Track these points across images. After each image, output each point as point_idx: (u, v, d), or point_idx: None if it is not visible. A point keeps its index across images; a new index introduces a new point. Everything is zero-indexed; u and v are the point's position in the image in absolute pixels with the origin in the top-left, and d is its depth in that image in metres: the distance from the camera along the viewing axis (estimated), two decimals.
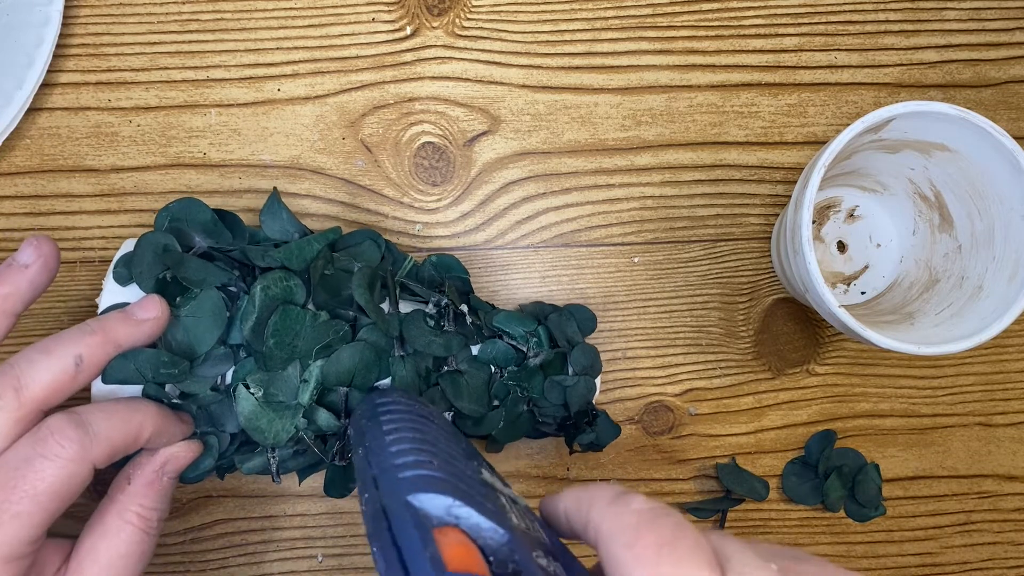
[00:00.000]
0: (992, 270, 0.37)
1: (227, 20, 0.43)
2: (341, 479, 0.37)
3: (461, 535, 0.23)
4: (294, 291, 0.34)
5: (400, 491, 0.23)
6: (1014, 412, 0.45)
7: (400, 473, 0.24)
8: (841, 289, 0.44)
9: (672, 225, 0.44)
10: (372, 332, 0.35)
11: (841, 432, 0.44)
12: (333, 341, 0.34)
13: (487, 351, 0.37)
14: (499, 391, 0.37)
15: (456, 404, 0.36)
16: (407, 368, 0.35)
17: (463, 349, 0.37)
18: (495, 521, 0.24)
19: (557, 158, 0.44)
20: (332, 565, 0.42)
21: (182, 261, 0.33)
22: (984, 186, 0.37)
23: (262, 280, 0.33)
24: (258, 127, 0.43)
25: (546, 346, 0.38)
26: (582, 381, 0.38)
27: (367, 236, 0.38)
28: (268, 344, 0.33)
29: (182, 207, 0.35)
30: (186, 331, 0.33)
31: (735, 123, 0.45)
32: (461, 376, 0.37)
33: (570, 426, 0.39)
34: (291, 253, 0.34)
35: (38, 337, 0.41)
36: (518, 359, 0.38)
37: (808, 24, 0.45)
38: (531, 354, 0.38)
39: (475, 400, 0.36)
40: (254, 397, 0.33)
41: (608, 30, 0.45)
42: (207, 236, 0.35)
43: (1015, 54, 0.46)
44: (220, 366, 0.34)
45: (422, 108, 0.44)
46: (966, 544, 0.44)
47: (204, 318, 0.33)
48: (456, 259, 0.40)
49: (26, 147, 0.42)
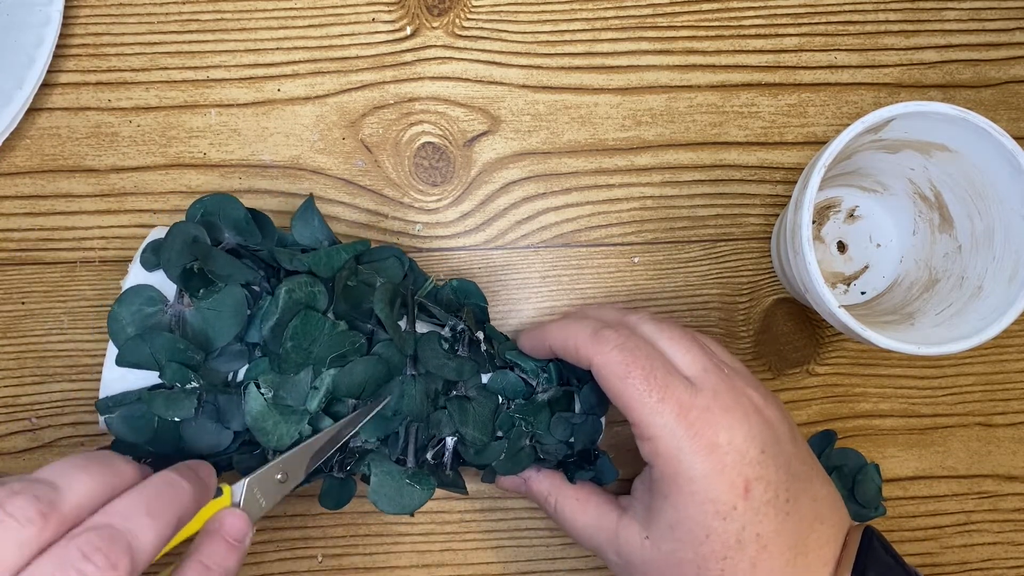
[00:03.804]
0: (992, 270, 0.37)
1: (227, 20, 0.43)
2: (337, 491, 0.37)
3: None
4: (317, 297, 0.34)
5: None
6: (1014, 412, 0.45)
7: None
8: (841, 289, 0.44)
9: (672, 225, 0.44)
10: (387, 348, 0.35)
11: (841, 432, 0.44)
12: (348, 352, 0.34)
13: (497, 381, 0.37)
14: (504, 423, 0.37)
15: (461, 430, 0.36)
16: (417, 388, 0.36)
17: (474, 376, 0.37)
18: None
19: (557, 158, 0.44)
20: (332, 565, 0.42)
21: (211, 254, 0.33)
22: (984, 186, 0.37)
23: (288, 283, 0.33)
24: (258, 127, 0.43)
25: (555, 382, 0.38)
26: (589, 420, 0.38)
27: (392, 252, 0.38)
28: (286, 346, 0.33)
29: (216, 201, 0.36)
30: (206, 323, 0.33)
31: (735, 123, 0.45)
32: (469, 402, 0.37)
33: (572, 463, 0.38)
34: (319, 259, 0.35)
35: (38, 337, 0.42)
36: (527, 392, 0.38)
37: (808, 24, 0.45)
38: (540, 389, 0.38)
39: (480, 428, 0.36)
40: (264, 397, 0.33)
41: (608, 30, 0.45)
42: (237, 233, 0.36)
43: (1015, 54, 0.46)
44: (234, 362, 0.34)
45: (422, 108, 0.44)
46: (966, 544, 0.44)
47: (225, 312, 0.33)
48: (476, 285, 0.40)
49: (26, 147, 0.42)
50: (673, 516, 0.32)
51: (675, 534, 0.32)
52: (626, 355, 0.33)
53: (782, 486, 0.32)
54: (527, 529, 0.43)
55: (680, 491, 0.31)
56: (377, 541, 0.42)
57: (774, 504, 0.31)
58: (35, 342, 0.42)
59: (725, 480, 0.31)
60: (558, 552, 0.43)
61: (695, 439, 0.31)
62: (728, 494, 0.31)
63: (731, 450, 0.31)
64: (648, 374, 0.32)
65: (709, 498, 0.31)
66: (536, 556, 0.43)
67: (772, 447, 0.32)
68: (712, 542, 0.31)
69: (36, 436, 0.41)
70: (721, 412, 0.32)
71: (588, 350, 0.34)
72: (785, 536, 0.32)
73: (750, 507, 0.31)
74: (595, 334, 0.34)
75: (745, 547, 0.31)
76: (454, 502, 0.42)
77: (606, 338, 0.33)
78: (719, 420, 0.32)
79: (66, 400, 0.41)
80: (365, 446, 0.36)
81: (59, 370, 0.42)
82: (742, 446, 0.31)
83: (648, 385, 0.32)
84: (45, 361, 0.42)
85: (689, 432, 0.31)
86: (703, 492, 0.31)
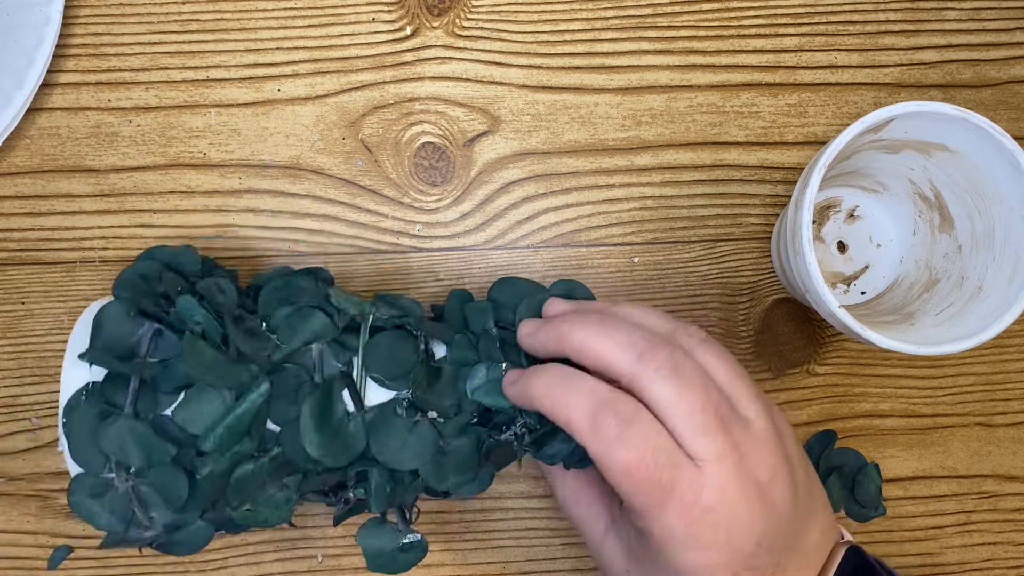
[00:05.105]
0: (992, 270, 0.37)
1: (227, 20, 0.43)
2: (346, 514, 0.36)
3: None
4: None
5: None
6: (1014, 412, 0.45)
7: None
8: (841, 289, 0.44)
9: (672, 225, 0.44)
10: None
11: (841, 432, 0.44)
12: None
13: (470, 432, 0.34)
14: (491, 447, 0.34)
15: (439, 489, 0.34)
16: (383, 477, 0.33)
17: (444, 439, 0.34)
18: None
19: (557, 158, 0.44)
20: (332, 565, 0.42)
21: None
22: (984, 186, 0.37)
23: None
24: (258, 127, 0.43)
25: (538, 425, 0.34)
26: (578, 448, 0.34)
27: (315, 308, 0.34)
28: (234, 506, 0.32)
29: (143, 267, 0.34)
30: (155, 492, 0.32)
31: (735, 123, 0.45)
32: (444, 456, 0.33)
33: (569, 456, 0.35)
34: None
35: (38, 337, 0.42)
36: (508, 424, 0.34)
37: (808, 24, 0.45)
38: (521, 430, 0.34)
39: (462, 471, 0.34)
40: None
41: (608, 30, 0.45)
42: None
43: (1015, 54, 0.46)
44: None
45: (422, 108, 0.44)
46: (966, 544, 0.44)
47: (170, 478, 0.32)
48: (413, 299, 0.37)
49: (26, 147, 0.42)
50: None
51: None
52: (631, 453, 0.29)
53: (771, 564, 0.31)
54: (527, 529, 0.43)
55: (667, 566, 0.30)
56: None
57: None
58: (35, 342, 0.42)
59: (714, 572, 0.30)
60: (558, 552, 0.43)
61: (692, 539, 0.29)
62: None
63: (727, 548, 0.30)
64: (653, 478, 0.29)
65: None
66: (536, 556, 0.43)
67: (770, 534, 0.30)
68: None
69: (36, 436, 0.41)
70: (725, 511, 0.29)
71: (584, 438, 0.30)
72: None
73: None
74: (593, 420, 0.30)
75: None
76: (454, 502, 0.42)
77: (606, 428, 0.29)
78: (719, 522, 0.29)
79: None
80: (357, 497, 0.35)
81: (59, 370, 0.41)
82: (738, 543, 0.30)
83: (650, 489, 0.29)
84: (45, 361, 0.42)
85: (687, 532, 0.29)
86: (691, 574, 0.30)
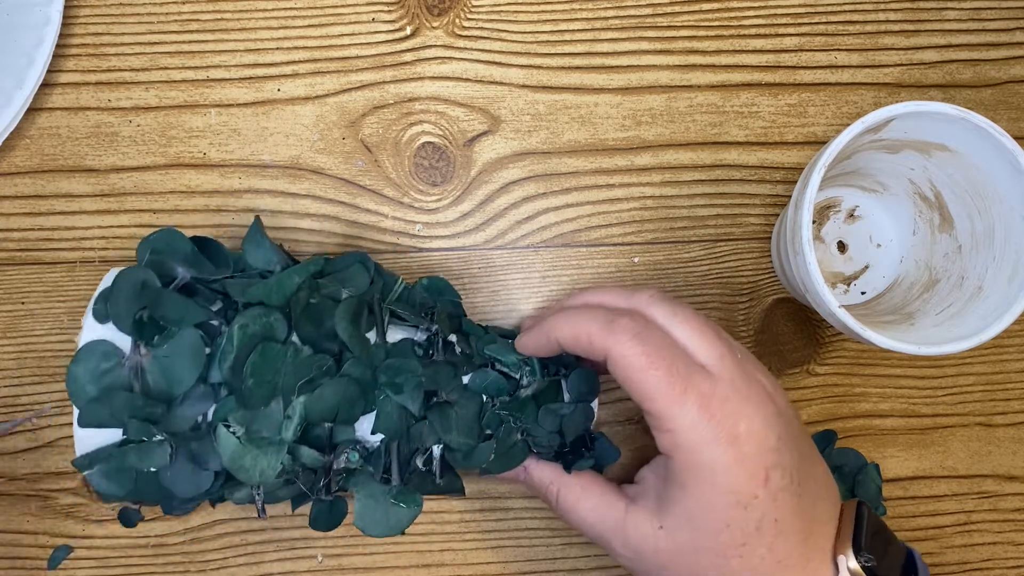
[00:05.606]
0: (992, 270, 0.37)
1: (227, 20, 0.43)
2: (327, 514, 0.36)
3: None
4: (274, 327, 0.33)
5: None
6: (1014, 412, 0.45)
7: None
8: (841, 289, 0.44)
9: (672, 225, 0.44)
10: (356, 366, 0.34)
11: (841, 432, 0.44)
12: (316, 376, 0.33)
13: (478, 381, 0.36)
14: (491, 421, 0.36)
15: (445, 438, 0.35)
16: (392, 404, 0.34)
17: (453, 379, 0.36)
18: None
19: (557, 158, 0.44)
20: (332, 565, 0.42)
21: (159, 299, 0.32)
22: (984, 186, 0.37)
23: (240, 318, 0.32)
24: (258, 127, 0.43)
25: (539, 375, 0.37)
26: (579, 408, 0.37)
27: (356, 259, 0.37)
28: (247, 383, 0.32)
29: (161, 238, 0.34)
30: (164, 372, 0.32)
31: (735, 123, 0.45)
32: (451, 408, 0.35)
33: (567, 453, 0.38)
34: (270, 289, 0.33)
35: (38, 337, 0.42)
36: (510, 388, 0.37)
37: (808, 24, 0.45)
38: (524, 383, 0.37)
39: (465, 432, 0.35)
40: (235, 436, 0.32)
41: (608, 30, 0.45)
42: (189, 267, 0.34)
43: (1015, 54, 0.46)
44: (200, 405, 0.33)
45: (422, 108, 0.44)
46: (966, 544, 0.44)
47: (182, 358, 0.32)
48: (447, 282, 0.39)
49: (26, 147, 0.42)
50: (692, 506, 0.32)
51: (693, 524, 0.32)
52: (646, 346, 0.32)
53: (795, 470, 0.32)
54: (527, 529, 0.43)
55: (701, 482, 0.31)
56: (377, 541, 0.42)
57: (789, 490, 0.32)
58: (35, 342, 0.42)
59: (746, 470, 0.31)
60: (558, 552, 0.43)
61: (717, 430, 0.31)
62: (749, 484, 0.31)
63: (751, 440, 0.31)
64: (670, 365, 0.31)
65: (731, 488, 0.31)
66: (536, 556, 0.43)
67: (786, 433, 0.32)
68: (732, 531, 0.31)
69: (36, 436, 0.41)
70: (740, 402, 0.32)
71: (604, 342, 0.32)
72: (798, 519, 0.32)
73: (769, 495, 0.31)
74: (608, 324, 0.33)
75: (764, 534, 0.31)
76: (454, 502, 0.43)
77: (622, 327, 0.32)
78: (739, 410, 0.31)
79: (66, 400, 0.41)
80: (348, 466, 0.35)
81: (59, 370, 0.42)
82: (761, 435, 0.31)
83: (671, 378, 0.31)
84: (45, 361, 0.42)
85: (711, 424, 0.31)
86: (724, 483, 0.31)
